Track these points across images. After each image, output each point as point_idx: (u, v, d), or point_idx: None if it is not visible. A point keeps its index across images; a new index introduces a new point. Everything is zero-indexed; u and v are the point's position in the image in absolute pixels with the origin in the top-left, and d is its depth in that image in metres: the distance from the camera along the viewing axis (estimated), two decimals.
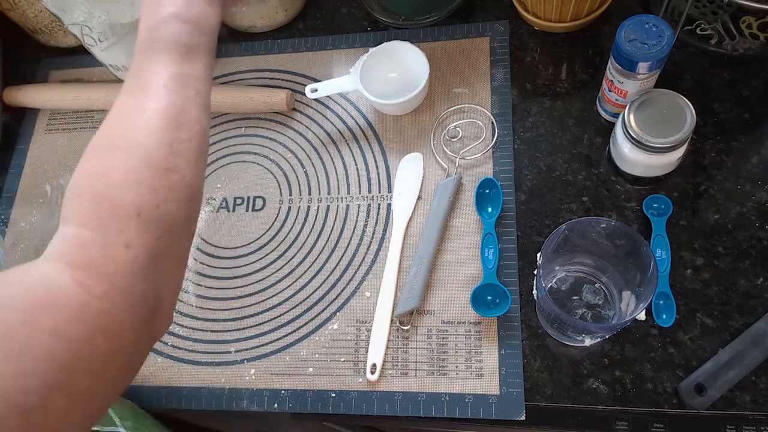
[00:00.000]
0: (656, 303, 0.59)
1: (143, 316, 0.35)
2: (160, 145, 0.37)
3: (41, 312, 0.30)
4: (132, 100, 0.40)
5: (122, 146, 0.37)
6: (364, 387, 0.61)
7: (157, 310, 0.36)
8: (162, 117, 0.38)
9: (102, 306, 0.32)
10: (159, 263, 0.36)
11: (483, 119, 0.71)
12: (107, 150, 0.38)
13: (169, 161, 0.37)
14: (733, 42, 0.69)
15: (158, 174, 0.36)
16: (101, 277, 0.33)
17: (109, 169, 0.36)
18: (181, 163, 0.38)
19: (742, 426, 0.54)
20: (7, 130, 0.84)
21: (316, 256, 0.68)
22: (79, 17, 0.69)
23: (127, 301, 0.33)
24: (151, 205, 0.35)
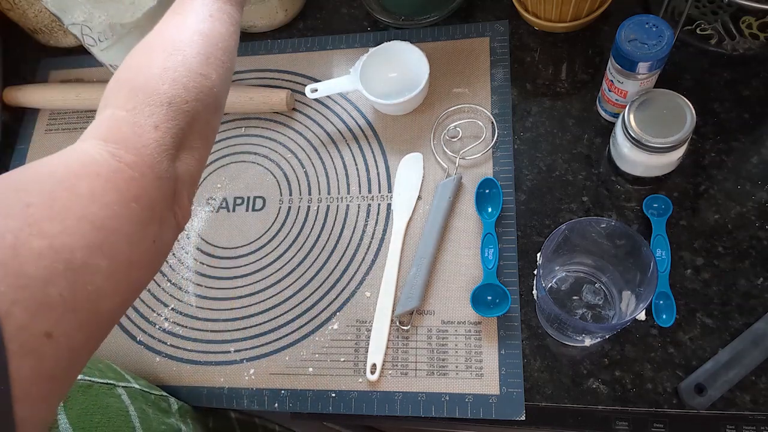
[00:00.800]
0: (656, 303, 0.59)
1: (168, 192, 0.39)
2: (197, 55, 0.43)
3: (79, 179, 0.34)
4: (179, 18, 0.45)
5: (165, 48, 0.43)
6: (364, 387, 0.61)
7: (178, 195, 0.40)
8: (203, 36, 0.44)
9: (133, 174, 0.36)
10: (180, 150, 0.40)
11: (483, 119, 0.71)
12: (150, 50, 0.43)
13: (202, 68, 0.43)
14: (733, 42, 0.69)
15: (192, 76, 0.42)
16: (132, 150, 0.37)
17: (150, 64, 0.41)
18: (213, 73, 0.43)
19: (742, 426, 0.54)
20: (7, 130, 0.84)
21: (316, 256, 0.68)
22: (79, 17, 0.69)
23: (153, 173, 0.37)
24: (181, 99, 0.40)
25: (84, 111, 0.83)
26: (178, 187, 0.40)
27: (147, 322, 0.69)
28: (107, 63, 0.78)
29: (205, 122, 0.43)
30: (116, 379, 0.53)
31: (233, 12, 0.49)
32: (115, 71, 0.43)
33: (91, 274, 0.31)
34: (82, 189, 0.33)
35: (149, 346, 0.68)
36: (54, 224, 0.30)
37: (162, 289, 0.70)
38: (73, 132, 0.82)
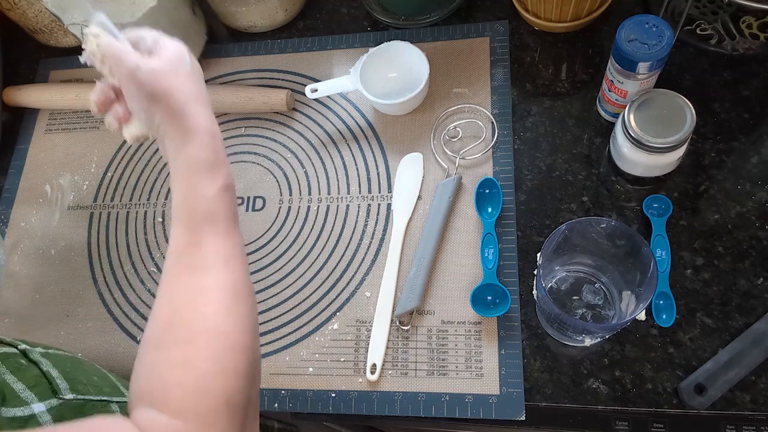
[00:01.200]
0: (656, 303, 0.59)
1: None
2: (233, 325, 0.38)
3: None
4: (195, 280, 0.40)
5: (201, 331, 0.38)
6: (364, 387, 0.61)
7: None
8: (228, 294, 0.39)
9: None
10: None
11: (483, 119, 0.71)
12: (186, 338, 0.38)
13: (244, 340, 0.39)
14: (733, 42, 0.69)
15: (238, 356, 0.38)
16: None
17: (194, 359, 0.37)
18: (251, 339, 0.39)
19: (742, 426, 0.54)
20: (7, 130, 0.84)
21: (316, 256, 0.68)
22: (79, 17, 0.69)
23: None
24: (236, 389, 0.37)
25: (84, 111, 0.83)
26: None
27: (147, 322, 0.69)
28: None
29: (256, 395, 0.40)
30: (111, 394, 0.51)
31: (238, 237, 0.43)
32: (151, 357, 0.38)
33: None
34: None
35: None
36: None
37: None
38: (73, 132, 0.82)
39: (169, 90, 0.42)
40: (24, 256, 0.75)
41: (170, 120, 0.43)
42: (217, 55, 0.83)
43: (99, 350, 0.68)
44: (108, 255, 0.73)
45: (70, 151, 0.81)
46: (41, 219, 0.77)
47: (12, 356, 0.46)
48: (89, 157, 0.80)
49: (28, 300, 0.72)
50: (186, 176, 0.42)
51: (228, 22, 0.83)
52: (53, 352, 0.51)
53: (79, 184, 0.79)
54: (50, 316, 0.71)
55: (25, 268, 0.74)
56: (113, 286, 0.72)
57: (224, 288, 0.40)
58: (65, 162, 0.80)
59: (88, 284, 0.72)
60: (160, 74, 0.42)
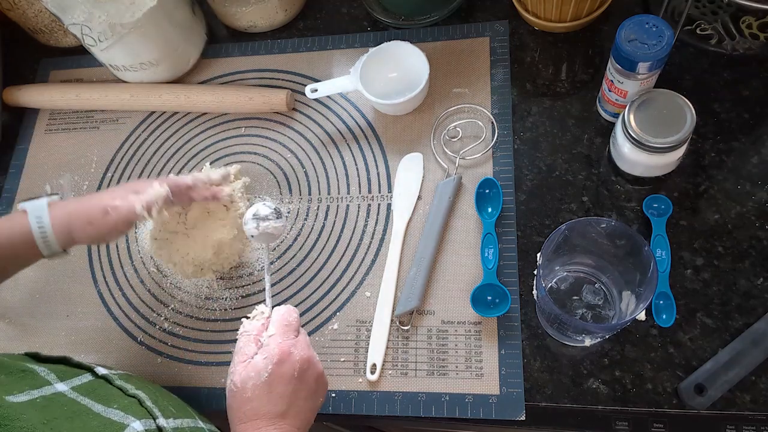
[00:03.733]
0: (656, 303, 0.59)
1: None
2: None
3: None
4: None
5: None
6: (364, 387, 0.61)
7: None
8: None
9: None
10: None
11: (483, 119, 0.71)
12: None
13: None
14: (733, 42, 0.69)
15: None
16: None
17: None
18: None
19: (742, 426, 0.54)
20: (7, 130, 0.84)
21: (316, 256, 0.68)
22: (79, 17, 0.69)
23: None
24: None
25: (84, 111, 0.83)
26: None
27: (147, 323, 0.69)
28: (107, 63, 0.78)
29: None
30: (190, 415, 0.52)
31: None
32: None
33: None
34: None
35: (150, 347, 0.68)
36: None
37: (162, 289, 0.70)
38: (73, 132, 0.82)
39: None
40: None
41: None
42: (217, 55, 0.83)
43: (99, 350, 0.68)
44: (108, 255, 0.73)
45: (70, 151, 0.81)
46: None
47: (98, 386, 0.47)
48: (89, 157, 0.80)
49: (28, 300, 0.72)
50: None
51: (228, 22, 0.83)
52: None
53: (79, 184, 0.78)
54: (50, 316, 0.71)
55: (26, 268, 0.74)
56: (113, 286, 0.72)
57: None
58: (65, 162, 0.80)
59: (88, 284, 0.72)
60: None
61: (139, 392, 0.47)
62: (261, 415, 0.44)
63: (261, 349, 0.47)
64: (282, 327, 0.48)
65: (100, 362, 0.67)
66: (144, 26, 0.71)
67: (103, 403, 0.44)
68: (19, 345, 0.70)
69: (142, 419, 0.43)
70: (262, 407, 0.44)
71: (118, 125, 0.81)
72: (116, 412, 0.43)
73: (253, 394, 0.44)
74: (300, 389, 0.46)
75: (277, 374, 0.45)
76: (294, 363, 0.46)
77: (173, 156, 0.77)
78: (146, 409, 0.46)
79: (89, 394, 0.45)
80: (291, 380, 0.45)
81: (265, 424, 0.44)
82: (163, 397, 0.50)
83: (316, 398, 0.47)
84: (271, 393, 0.45)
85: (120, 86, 0.80)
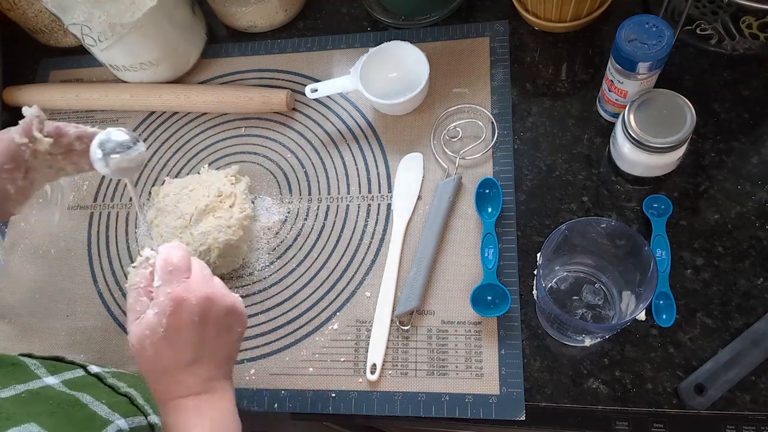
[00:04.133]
0: (656, 303, 0.59)
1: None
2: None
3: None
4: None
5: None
6: (364, 387, 0.61)
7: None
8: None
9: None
10: None
11: (483, 119, 0.71)
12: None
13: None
14: (733, 42, 0.69)
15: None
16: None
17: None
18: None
19: (742, 426, 0.54)
20: None
21: (316, 256, 0.68)
22: (79, 17, 0.69)
23: None
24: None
25: (84, 111, 0.83)
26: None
27: None
28: (107, 63, 0.78)
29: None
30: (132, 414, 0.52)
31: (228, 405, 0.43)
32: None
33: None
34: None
35: None
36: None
37: None
38: None
39: None
40: (24, 256, 0.75)
41: None
42: (217, 55, 0.83)
43: (99, 350, 0.68)
44: (108, 255, 0.73)
45: None
46: (41, 219, 0.77)
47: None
48: None
49: (28, 300, 0.72)
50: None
51: (228, 22, 0.83)
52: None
53: (79, 184, 0.79)
54: (50, 316, 0.71)
55: (25, 268, 0.74)
56: (113, 286, 0.72)
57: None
58: None
59: (88, 284, 0.72)
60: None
61: (131, 390, 0.47)
62: (170, 370, 0.42)
63: (152, 303, 0.43)
64: (166, 274, 0.43)
65: (100, 362, 0.68)
66: (144, 26, 0.71)
67: (92, 396, 0.44)
68: (19, 345, 0.70)
69: (130, 417, 0.43)
70: (169, 360, 0.41)
71: (118, 125, 0.81)
72: (103, 407, 0.43)
73: (155, 351, 0.41)
74: (206, 331, 0.42)
75: (174, 326, 0.41)
76: (191, 308, 0.42)
77: (173, 156, 0.77)
78: (137, 407, 0.45)
79: (80, 388, 0.44)
80: (193, 326, 0.42)
81: (179, 374, 0.41)
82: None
83: (230, 332, 0.44)
84: (174, 346, 0.41)
85: (120, 86, 0.80)
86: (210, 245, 0.65)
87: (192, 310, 0.42)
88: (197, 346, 0.42)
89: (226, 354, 0.44)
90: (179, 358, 0.42)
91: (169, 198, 0.69)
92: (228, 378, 0.44)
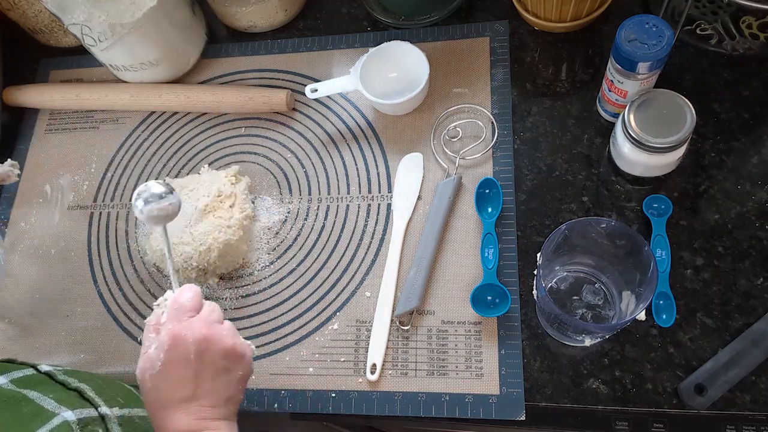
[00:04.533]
0: (656, 303, 0.59)
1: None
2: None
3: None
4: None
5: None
6: (364, 387, 0.61)
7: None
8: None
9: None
10: None
11: (483, 119, 0.71)
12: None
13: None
14: (733, 42, 0.69)
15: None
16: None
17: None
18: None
19: (742, 426, 0.54)
20: (7, 130, 0.84)
21: (316, 256, 0.68)
22: (79, 17, 0.69)
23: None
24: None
25: (84, 111, 0.83)
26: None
27: None
28: (107, 63, 0.78)
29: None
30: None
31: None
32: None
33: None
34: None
35: None
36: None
37: (162, 289, 0.70)
38: (73, 132, 0.82)
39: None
40: (24, 256, 0.75)
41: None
42: (217, 55, 0.83)
43: (99, 350, 0.68)
44: (108, 255, 0.73)
45: (70, 151, 0.81)
46: (41, 219, 0.77)
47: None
48: (89, 157, 0.80)
49: (28, 300, 0.72)
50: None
51: (228, 22, 0.83)
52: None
53: (79, 184, 0.79)
54: (50, 316, 0.71)
55: (25, 268, 0.74)
56: (113, 286, 0.72)
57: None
58: (65, 162, 0.80)
59: (88, 284, 0.72)
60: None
61: (82, 385, 0.48)
62: (168, 403, 0.43)
63: (154, 338, 0.45)
64: (172, 312, 0.46)
65: (100, 362, 0.68)
66: (144, 26, 0.71)
67: (40, 392, 0.44)
68: (19, 345, 0.70)
69: (78, 409, 0.43)
70: (166, 395, 0.43)
71: (118, 125, 0.81)
72: (50, 401, 0.43)
73: (153, 384, 0.44)
74: (202, 370, 0.44)
75: (170, 361, 0.44)
76: (187, 346, 0.44)
77: (173, 156, 0.77)
78: (87, 400, 0.46)
79: (28, 386, 0.45)
80: (188, 363, 0.44)
81: (174, 410, 0.43)
82: (112, 389, 0.50)
83: (228, 374, 0.45)
84: (169, 381, 0.44)
85: (120, 86, 0.80)
86: (210, 245, 0.65)
87: (188, 348, 0.44)
88: (194, 384, 0.44)
89: (225, 395, 0.45)
90: (174, 394, 0.43)
91: None
92: (227, 419, 0.45)
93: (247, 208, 0.69)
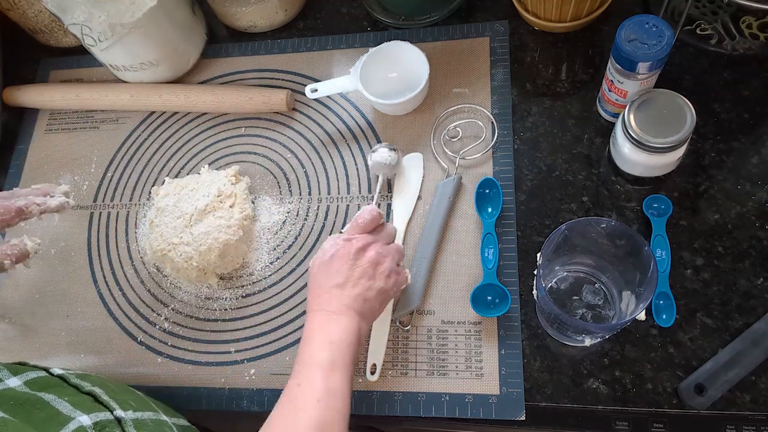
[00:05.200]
0: (656, 303, 0.59)
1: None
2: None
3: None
4: (289, 410, 0.49)
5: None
6: (364, 387, 0.61)
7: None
8: (314, 428, 0.46)
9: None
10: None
11: (483, 119, 0.71)
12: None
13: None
14: (733, 42, 0.69)
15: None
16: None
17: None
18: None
19: (742, 426, 0.55)
20: (7, 130, 0.84)
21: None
22: (79, 17, 0.69)
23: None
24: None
25: (84, 111, 0.83)
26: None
27: (147, 323, 0.69)
28: (107, 63, 0.78)
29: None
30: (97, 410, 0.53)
31: (338, 382, 0.50)
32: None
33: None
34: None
35: (150, 347, 0.68)
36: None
37: (162, 289, 0.70)
38: (73, 132, 0.82)
39: None
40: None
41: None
42: (217, 55, 0.83)
43: (99, 350, 0.68)
44: (108, 255, 0.73)
45: (70, 151, 0.81)
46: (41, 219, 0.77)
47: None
48: (89, 157, 0.80)
49: (28, 300, 0.72)
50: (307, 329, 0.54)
51: (228, 22, 0.83)
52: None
53: (79, 184, 0.79)
54: (50, 316, 0.71)
55: (25, 268, 0.74)
56: (113, 286, 0.72)
57: (310, 425, 0.46)
58: (65, 162, 0.80)
59: (88, 284, 0.72)
60: None
61: (95, 388, 0.48)
62: (324, 284, 0.55)
63: (335, 243, 0.57)
64: (350, 226, 0.59)
65: (100, 362, 0.68)
66: (144, 26, 0.71)
67: (55, 395, 0.44)
68: (19, 345, 0.70)
69: (93, 413, 0.44)
70: (324, 280, 0.55)
71: (118, 125, 0.81)
72: (65, 404, 0.44)
73: (318, 270, 0.56)
74: (354, 267, 0.55)
75: (336, 255, 0.56)
76: (350, 249, 0.56)
77: (173, 156, 0.77)
78: (102, 403, 0.46)
79: (42, 388, 0.45)
80: (347, 259, 0.55)
81: (324, 293, 0.54)
82: (124, 393, 0.51)
83: (371, 281, 0.55)
84: (330, 270, 0.55)
85: (120, 86, 0.80)
86: (210, 245, 0.65)
87: (350, 250, 0.56)
88: (346, 275, 0.55)
89: (363, 294, 0.55)
90: (330, 281, 0.55)
91: (169, 198, 0.69)
92: (360, 315, 0.54)
93: (247, 208, 0.69)
